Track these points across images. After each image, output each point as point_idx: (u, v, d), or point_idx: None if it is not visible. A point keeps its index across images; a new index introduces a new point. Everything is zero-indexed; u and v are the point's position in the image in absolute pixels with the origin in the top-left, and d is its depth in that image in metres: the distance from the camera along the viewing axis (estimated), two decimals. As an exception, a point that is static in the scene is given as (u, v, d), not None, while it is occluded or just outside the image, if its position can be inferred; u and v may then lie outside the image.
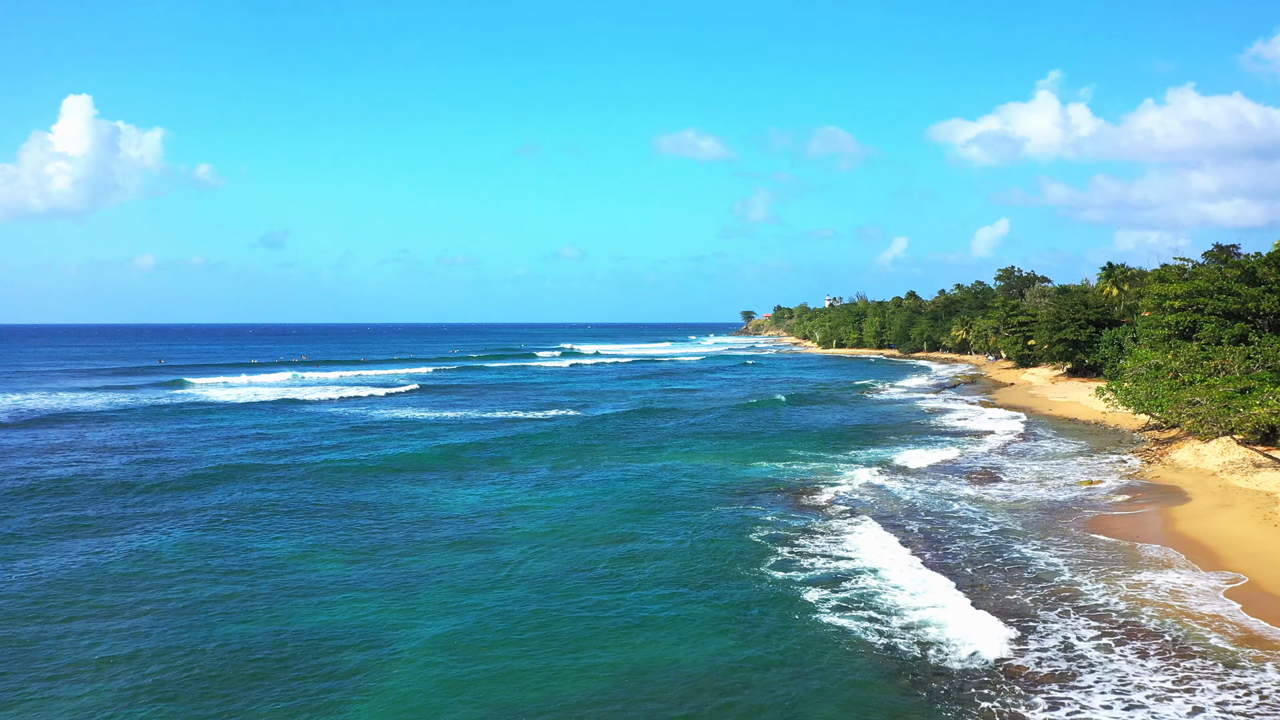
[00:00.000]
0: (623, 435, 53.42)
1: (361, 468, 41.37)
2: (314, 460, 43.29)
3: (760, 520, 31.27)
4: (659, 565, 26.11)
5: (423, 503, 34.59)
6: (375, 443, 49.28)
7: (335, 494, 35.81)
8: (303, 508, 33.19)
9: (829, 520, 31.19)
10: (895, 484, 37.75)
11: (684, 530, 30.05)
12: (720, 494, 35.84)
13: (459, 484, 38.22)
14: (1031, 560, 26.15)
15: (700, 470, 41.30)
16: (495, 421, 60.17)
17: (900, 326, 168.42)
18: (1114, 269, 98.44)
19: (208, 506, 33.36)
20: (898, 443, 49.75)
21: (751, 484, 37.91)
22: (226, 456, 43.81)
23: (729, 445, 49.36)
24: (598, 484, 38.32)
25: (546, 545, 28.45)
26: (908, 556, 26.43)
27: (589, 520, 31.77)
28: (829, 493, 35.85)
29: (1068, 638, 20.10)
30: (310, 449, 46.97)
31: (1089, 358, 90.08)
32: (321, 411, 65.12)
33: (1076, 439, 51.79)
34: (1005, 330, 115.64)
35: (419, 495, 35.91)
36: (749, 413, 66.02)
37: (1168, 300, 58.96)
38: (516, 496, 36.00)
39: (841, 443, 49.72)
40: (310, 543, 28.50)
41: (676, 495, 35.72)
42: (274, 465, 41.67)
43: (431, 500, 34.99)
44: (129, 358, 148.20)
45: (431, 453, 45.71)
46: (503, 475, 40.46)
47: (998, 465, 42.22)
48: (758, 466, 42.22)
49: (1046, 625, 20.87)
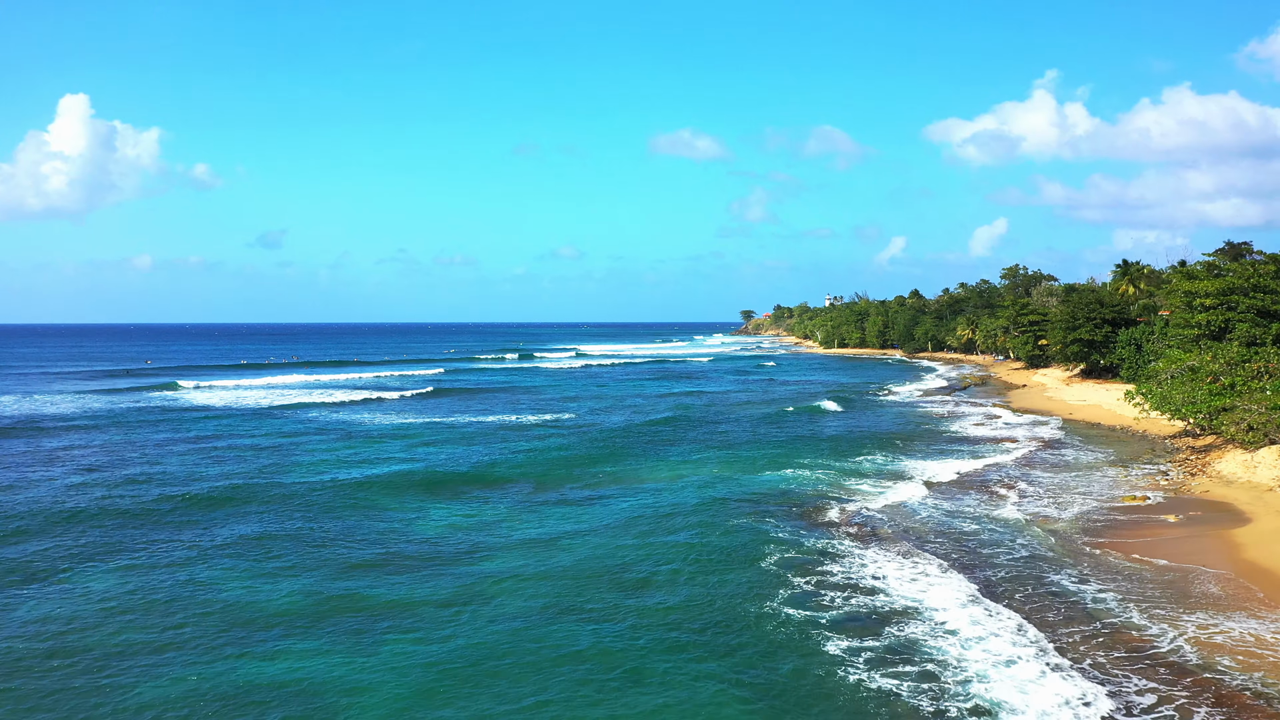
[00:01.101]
0: (635, 447, 50.07)
1: (335, 485, 38.02)
2: (280, 476, 39.97)
3: (774, 540, 27.99)
4: (661, 602, 22.80)
5: (402, 526, 31.28)
6: (354, 456, 45.85)
7: (303, 517, 32.47)
8: (264, 533, 29.85)
9: (851, 542, 27.90)
10: (918, 499, 34.48)
11: (690, 556, 26.73)
12: (729, 510, 32.52)
13: (443, 504, 34.89)
14: (1088, 595, 22.84)
15: (707, 482, 37.98)
16: (493, 430, 56.77)
17: (904, 326, 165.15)
18: (1129, 266, 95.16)
19: (154, 534, 30.01)
20: (917, 452, 46.46)
21: (763, 498, 34.60)
22: (186, 472, 40.39)
23: (737, 454, 46.03)
24: (599, 504, 35.03)
25: (538, 581, 25.15)
26: (947, 589, 23.16)
27: (586, 545, 28.47)
28: (848, 509, 32.56)
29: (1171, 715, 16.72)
30: (278, 462, 43.60)
31: (1105, 358, 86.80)
32: (303, 418, 61.78)
33: (1104, 446, 48.50)
34: (1015, 330, 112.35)
35: (398, 517, 32.60)
36: (765, 420, 62.71)
37: (1198, 298, 55.76)
38: (516, 520, 32.68)
39: (857, 452, 46.41)
40: (267, 577, 25.15)
41: (687, 510, 32.41)
42: (237, 483, 38.31)
43: (410, 524, 31.67)
44: (115, 359, 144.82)
45: (413, 470, 42.37)
46: (502, 495, 37.09)
47: (1027, 478, 38.92)
48: (767, 477, 38.94)
49: (1131, 687, 17.58)
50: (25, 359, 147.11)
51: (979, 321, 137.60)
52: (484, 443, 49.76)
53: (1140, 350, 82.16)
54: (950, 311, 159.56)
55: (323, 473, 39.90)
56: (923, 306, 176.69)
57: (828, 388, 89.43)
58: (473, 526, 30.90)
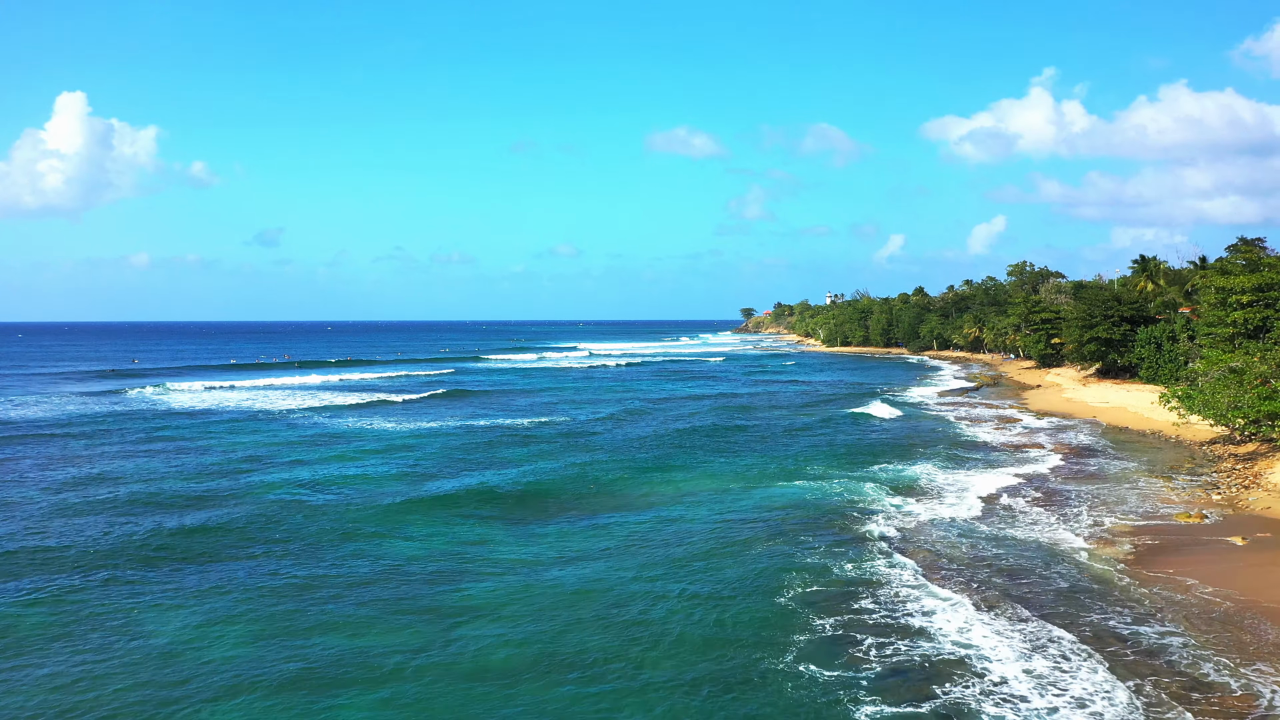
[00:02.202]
0: (648, 458, 46.73)
1: (304, 504, 34.68)
2: (244, 491, 36.61)
3: (795, 568, 24.69)
4: (662, 654, 19.50)
5: (375, 550, 27.95)
6: (330, 469, 42.46)
7: (263, 540, 29.13)
8: (214, 562, 26.52)
9: (881, 569, 24.59)
10: (952, 517, 31.12)
11: (699, 590, 23.40)
12: (744, 530, 29.18)
13: (427, 525, 31.54)
14: (1172, 644, 19.48)
15: (717, 496, 34.68)
16: (496, 439, 53.44)
17: (909, 324, 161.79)
18: (1147, 262, 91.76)
19: (95, 560, 26.69)
20: (940, 460, 43.09)
21: (780, 516, 31.23)
22: (140, 486, 36.97)
23: (746, 464, 42.71)
24: (601, 525, 31.71)
25: (524, 622, 21.84)
26: (1001, 633, 19.84)
27: (583, 574, 25.17)
28: (874, 529, 29.21)
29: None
30: (245, 475, 40.19)
31: (1123, 358, 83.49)
32: (283, 422, 58.38)
33: (1138, 454, 45.19)
34: (1027, 328, 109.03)
35: (373, 540, 29.27)
36: (780, 426, 59.38)
37: (1233, 295, 52.49)
38: (513, 544, 29.34)
39: (875, 460, 43.10)
40: (208, 625, 21.78)
41: (697, 532, 29.10)
42: (195, 499, 34.99)
43: (386, 549, 28.34)
44: (103, 359, 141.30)
45: (392, 484, 39.05)
46: (497, 518, 33.79)
47: (1066, 492, 35.60)
48: (782, 491, 35.61)
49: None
50: (12, 358, 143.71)
51: (986, 320, 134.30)
52: (484, 455, 46.37)
53: (1160, 349, 78.89)
54: (956, 309, 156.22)
55: (292, 487, 36.52)
56: (927, 304, 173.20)
57: (838, 389, 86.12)
58: (457, 554, 27.56)
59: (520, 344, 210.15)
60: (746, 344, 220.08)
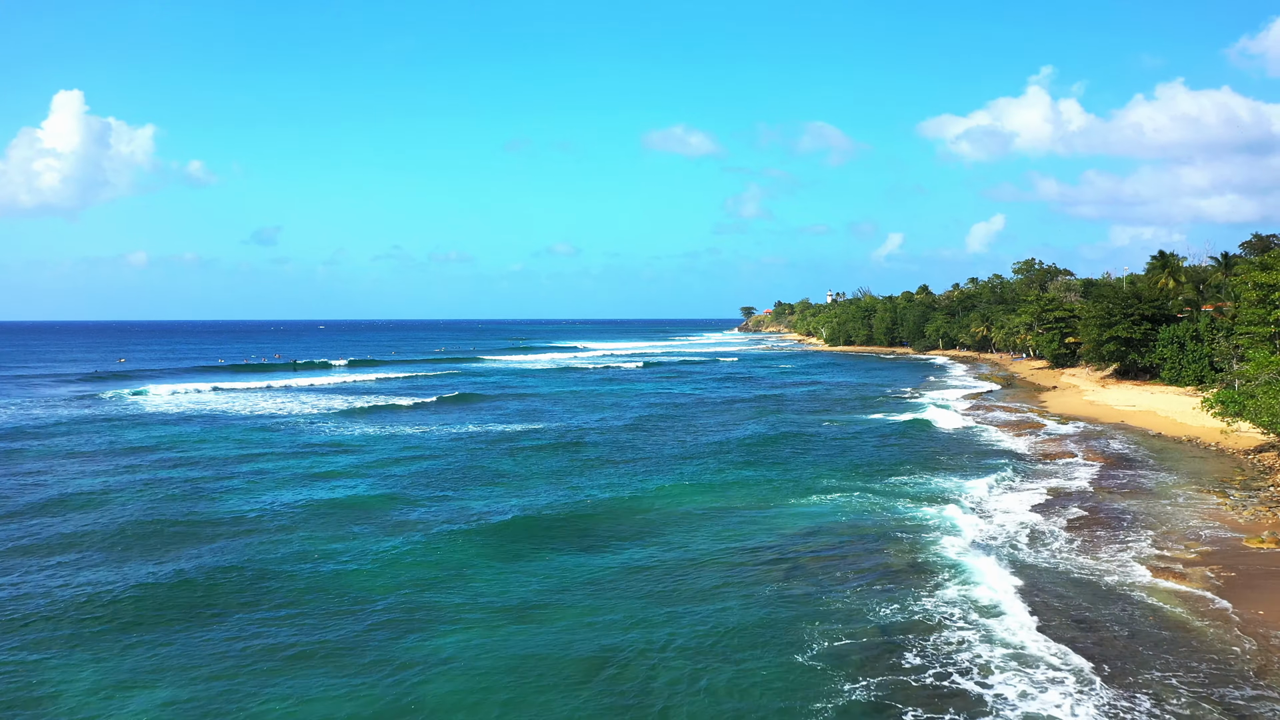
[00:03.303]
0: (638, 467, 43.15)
1: (261, 525, 31.10)
2: (201, 507, 33.07)
3: (818, 613, 21.13)
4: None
5: (336, 580, 24.38)
6: (295, 486, 38.81)
7: (208, 569, 25.55)
8: (147, 591, 22.96)
9: (918, 610, 21.02)
10: (994, 541, 27.44)
11: (701, 642, 19.82)
12: (757, 560, 25.64)
13: (399, 547, 27.97)
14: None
15: (716, 516, 31.13)
16: (503, 452, 49.83)
17: (914, 323, 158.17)
18: (1168, 258, 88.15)
19: (12, 595, 23.14)
20: (970, 473, 39.45)
21: (797, 546, 27.68)
22: (92, 500, 33.45)
23: (751, 477, 39.18)
24: (596, 552, 28.13)
25: (493, 675, 18.28)
26: (1085, 706, 16.25)
27: (569, 614, 21.60)
28: (906, 557, 25.65)
29: None
30: (207, 488, 36.64)
31: (1144, 358, 79.91)
32: (260, 427, 54.73)
33: (1179, 464, 41.60)
34: (1039, 327, 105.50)
35: (335, 565, 25.71)
36: (789, 434, 55.84)
37: (1276, 291, 49.02)
38: (498, 576, 25.76)
39: (897, 471, 39.52)
40: (124, 685, 18.22)
41: (704, 563, 25.54)
42: (146, 516, 31.42)
43: (347, 577, 24.77)
44: (91, 359, 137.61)
45: (368, 500, 35.47)
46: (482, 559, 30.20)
47: (1112, 511, 32.01)
48: (797, 510, 32.07)
49: None
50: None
51: (994, 318, 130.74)
52: (481, 466, 42.85)
53: (1184, 349, 75.37)
54: (962, 308, 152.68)
55: (255, 502, 32.91)
56: (932, 303, 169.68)
57: (849, 392, 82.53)
58: (432, 581, 23.99)
59: (524, 344, 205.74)
60: (750, 344, 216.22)
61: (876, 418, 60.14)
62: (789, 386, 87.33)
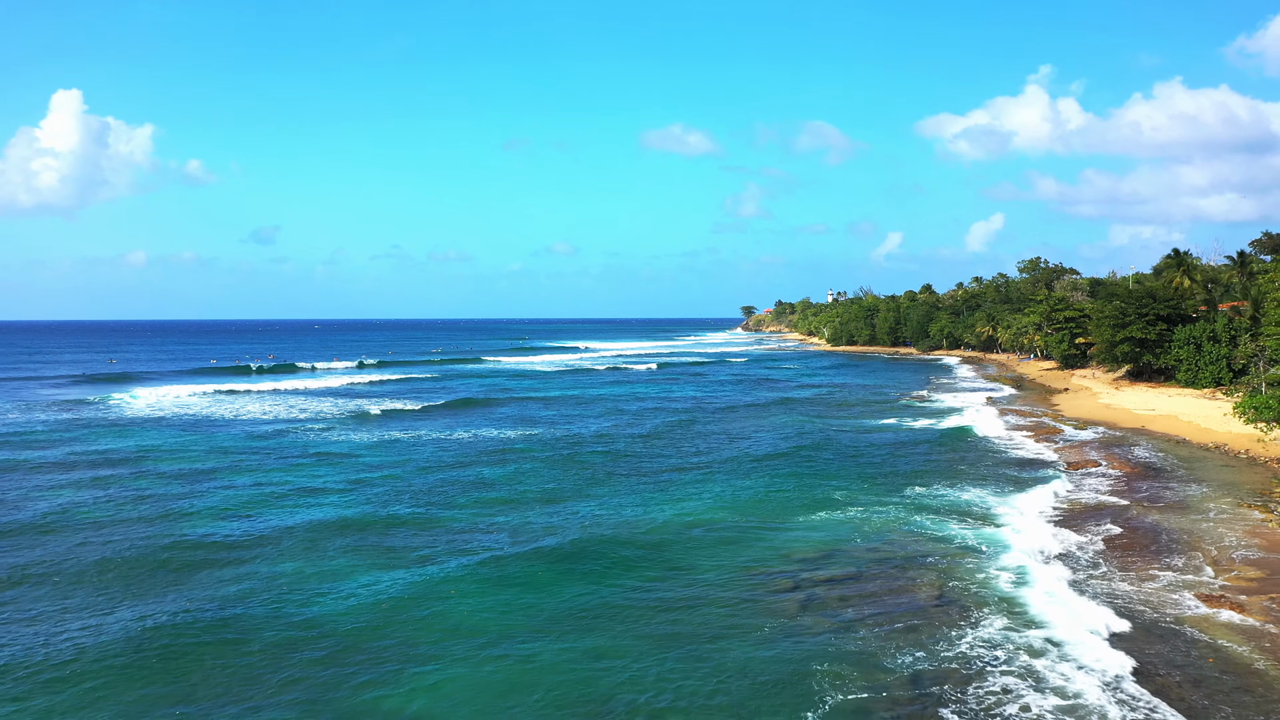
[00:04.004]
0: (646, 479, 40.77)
1: (230, 541, 28.74)
2: (161, 522, 30.73)
3: (829, 654, 18.78)
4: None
5: (301, 607, 22.04)
6: (273, 496, 36.38)
7: (155, 596, 23.23)
8: (91, 620, 20.61)
9: (946, 655, 18.68)
10: (1029, 563, 25.10)
11: (697, 690, 17.48)
12: (764, 585, 23.30)
13: (373, 570, 25.64)
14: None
15: (732, 538, 28.78)
16: (452, 460, 47.48)
17: (918, 322, 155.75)
18: (1183, 256, 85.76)
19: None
20: (992, 484, 37.07)
21: (808, 571, 25.34)
22: (45, 514, 31.11)
23: (757, 490, 36.88)
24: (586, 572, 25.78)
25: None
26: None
27: (556, 659, 19.26)
28: (939, 582, 23.27)
29: None
30: (172, 500, 34.30)
31: (1159, 359, 77.53)
32: (241, 433, 52.36)
33: (1211, 474, 39.26)
34: (1049, 327, 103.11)
35: (302, 590, 23.36)
36: (797, 439, 53.47)
37: (1309, 291, 46.69)
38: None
39: (916, 484, 37.07)
40: None
41: (702, 593, 23.21)
42: (95, 537, 29.09)
43: (314, 604, 22.42)
44: (81, 361, 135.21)
45: (344, 518, 33.12)
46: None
47: (1149, 527, 29.64)
48: (802, 527, 29.74)
49: None
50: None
51: (1000, 318, 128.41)
52: (474, 480, 40.52)
53: (1201, 350, 73.06)
54: (966, 308, 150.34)
55: (225, 526, 30.42)
56: (936, 302, 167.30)
57: (856, 394, 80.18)
58: (412, 612, 21.65)
59: (527, 344, 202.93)
60: (753, 344, 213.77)
61: (889, 422, 57.82)
62: (800, 389, 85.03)
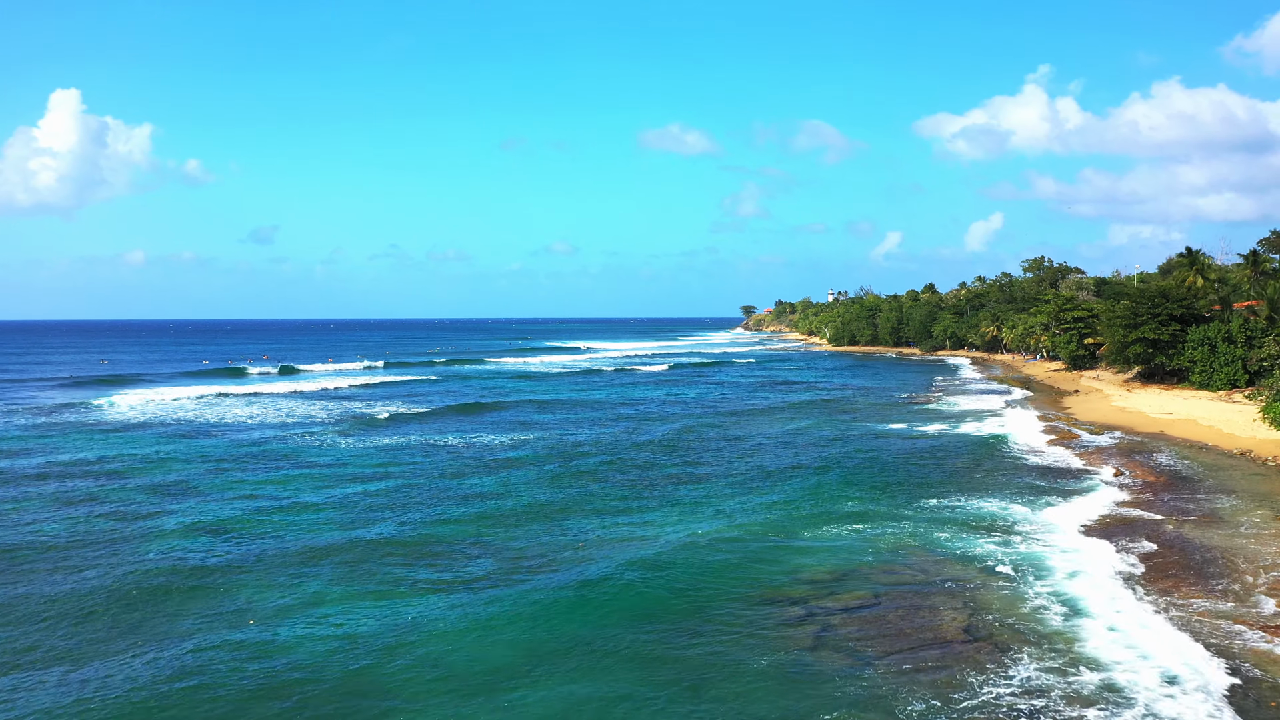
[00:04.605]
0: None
1: (195, 564, 26.74)
2: (118, 542, 28.70)
3: (864, 699, 16.78)
4: None
5: (251, 654, 20.02)
6: (249, 519, 34.32)
7: (89, 629, 21.22)
8: (20, 657, 18.60)
9: (1011, 704, 16.66)
10: (1070, 590, 23.05)
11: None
12: (785, 621, 21.30)
13: (346, 599, 23.64)
14: None
15: (742, 555, 26.75)
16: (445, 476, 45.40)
17: (920, 322, 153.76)
18: (1195, 255, 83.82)
19: None
20: (1013, 494, 34.97)
21: (823, 591, 23.33)
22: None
23: (789, 502, 34.88)
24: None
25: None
26: None
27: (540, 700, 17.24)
28: (963, 616, 21.22)
29: None
30: (133, 515, 32.30)
31: (1172, 360, 75.51)
32: (222, 439, 50.31)
33: (1241, 483, 37.24)
34: (1057, 327, 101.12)
35: (263, 624, 21.37)
36: (804, 445, 51.48)
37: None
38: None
39: (931, 494, 35.03)
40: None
41: (717, 614, 21.19)
42: (45, 556, 27.07)
43: (272, 634, 20.40)
44: (69, 363, 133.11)
45: (323, 536, 31.12)
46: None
47: (1188, 545, 27.58)
48: (816, 544, 27.72)
49: None
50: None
51: (1005, 318, 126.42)
52: (466, 494, 38.49)
53: (1215, 351, 71.11)
54: (970, 307, 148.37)
55: (191, 543, 28.29)
56: (939, 302, 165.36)
57: (863, 396, 78.19)
58: (388, 645, 19.65)
59: (530, 344, 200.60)
60: (757, 344, 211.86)
61: (900, 427, 55.84)
62: (808, 390, 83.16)
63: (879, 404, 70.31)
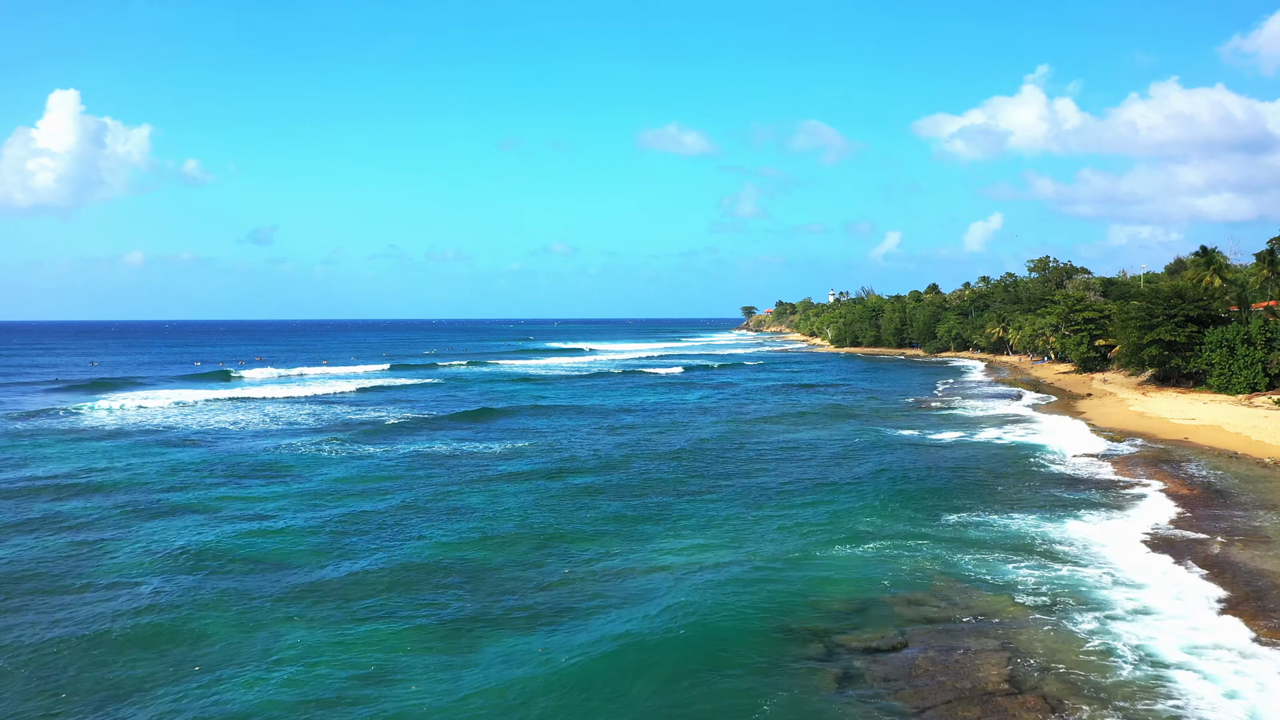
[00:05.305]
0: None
1: (158, 594, 24.32)
2: (78, 562, 26.28)
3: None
4: None
5: (232, 676, 17.61)
6: (219, 546, 31.84)
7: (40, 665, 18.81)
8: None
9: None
10: (1126, 630, 20.62)
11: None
12: (805, 658, 18.89)
13: (323, 627, 21.21)
14: None
15: (754, 579, 24.33)
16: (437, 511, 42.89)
17: (924, 323, 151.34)
18: (1211, 254, 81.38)
19: None
20: (1039, 510, 32.45)
21: (838, 625, 20.91)
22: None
23: (798, 522, 32.45)
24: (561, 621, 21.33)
25: None
26: None
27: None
28: (1001, 659, 18.79)
29: None
30: (98, 536, 29.90)
31: (1188, 363, 73.07)
32: (204, 446, 47.87)
33: (1278, 495, 34.86)
34: (1066, 328, 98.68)
35: (233, 661, 18.94)
36: (811, 453, 49.07)
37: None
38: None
39: (950, 510, 32.53)
40: None
41: (729, 652, 18.78)
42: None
43: (238, 672, 17.98)
44: (58, 365, 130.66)
45: (312, 557, 28.70)
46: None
47: (1242, 570, 25.06)
48: (828, 565, 25.30)
49: None
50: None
51: (1012, 319, 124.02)
52: (454, 508, 36.05)
53: (1234, 354, 68.71)
54: (975, 308, 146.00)
55: (150, 572, 25.86)
56: (943, 303, 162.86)
57: (868, 399, 75.76)
58: (360, 676, 17.24)
59: (532, 345, 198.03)
60: (760, 344, 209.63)
61: (906, 433, 53.42)
62: (819, 393, 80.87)
63: (890, 409, 67.79)
